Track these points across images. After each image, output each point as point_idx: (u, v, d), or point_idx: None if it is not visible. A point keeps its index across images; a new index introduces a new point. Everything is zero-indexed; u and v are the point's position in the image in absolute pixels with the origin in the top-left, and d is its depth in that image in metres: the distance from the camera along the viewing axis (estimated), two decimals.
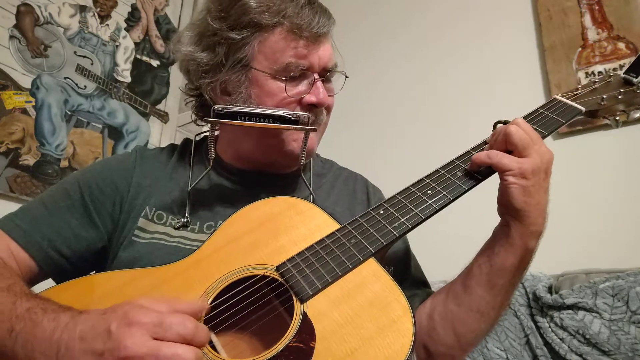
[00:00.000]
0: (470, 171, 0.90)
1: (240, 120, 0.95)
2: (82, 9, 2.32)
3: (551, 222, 1.68)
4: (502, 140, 0.87)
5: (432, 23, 2.36)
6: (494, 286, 0.88)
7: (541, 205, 0.86)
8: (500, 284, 0.89)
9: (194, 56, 1.04)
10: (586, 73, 1.81)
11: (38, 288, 0.86)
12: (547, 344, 1.40)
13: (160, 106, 2.61)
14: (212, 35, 1.03)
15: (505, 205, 0.86)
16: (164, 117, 2.62)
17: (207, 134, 1.04)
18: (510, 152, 0.86)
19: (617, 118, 1.04)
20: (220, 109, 0.95)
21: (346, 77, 1.11)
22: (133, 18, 2.55)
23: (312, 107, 1.02)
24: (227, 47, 1.01)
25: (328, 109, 1.09)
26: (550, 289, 1.48)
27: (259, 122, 0.95)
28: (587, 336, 1.31)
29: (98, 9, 2.39)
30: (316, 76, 1.03)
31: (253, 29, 1.00)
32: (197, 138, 1.19)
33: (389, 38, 2.49)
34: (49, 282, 0.94)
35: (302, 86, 1.02)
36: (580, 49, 1.86)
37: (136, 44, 2.55)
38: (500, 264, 0.87)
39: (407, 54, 2.39)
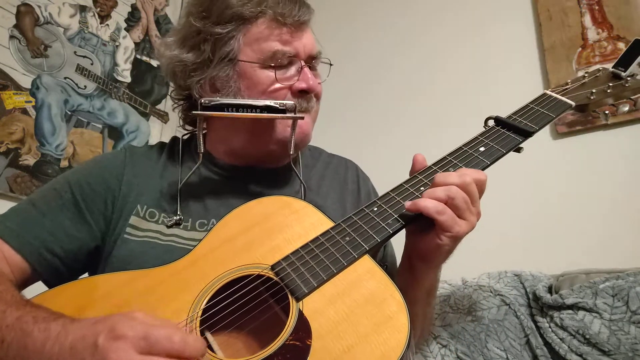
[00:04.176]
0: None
1: (228, 112, 0.96)
2: (82, 9, 2.32)
3: (551, 222, 1.69)
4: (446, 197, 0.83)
5: (431, 21, 2.35)
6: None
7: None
8: (413, 312, 0.90)
9: (180, 57, 1.06)
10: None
11: (34, 291, 0.86)
12: (547, 344, 1.39)
13: (160, 106, 2.61)
14: (196, 35, 1.04)
15: (424, 257, 0.89)
16: (164, 117, 2.62)
17: (195, 132, 1.05)
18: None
19: (607, 112, 1.04)
20: (207, 101, 0.96)
21: (330, 65, 1.13)
22: (133, 18, 2.55)
23: (303, 94, 1.04)
24: (212, 43, 1.03)
25: (317, 97, 1.11)
26: (550, 289, 1.48)
27: (247, 112, 0.96)
28: (587, 336, 1.30)
29: (98, 9, 2.39)
30: (303, 63, 1.04)
31: (237, 22, 1.01)
32: (185, 137, 1.19)
33: (389, 41, 2.49)
34: (42, 286, 0.94)
35: (291, 73, 1.04)
36: (580, 49, 1.85)
37: (136, 44, 2.55)
38: (410, 297, 0.88)
39: (406, 52, 2.39)
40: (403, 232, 0.89)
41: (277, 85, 1.02)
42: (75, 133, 2.20)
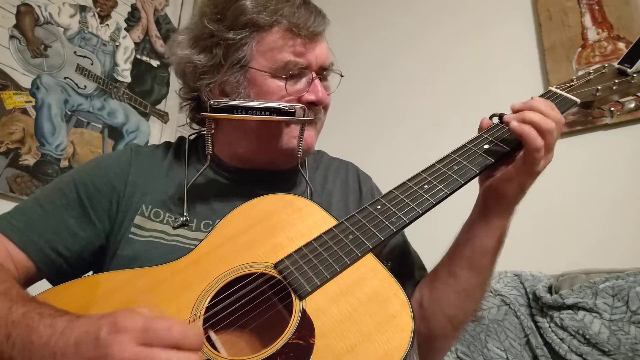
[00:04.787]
0: (468, 165, 0.91)
1: (237, 114, 0.95)
2: (82, 9, 2.33)
3: (551, 222, 1.69)
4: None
5: (431, 21, 2.36)
6: (476, 267, 0.93)
7: (521, 198, 0.92)
8: (483, 264, 0.93)
9: (191, 59, 1.05)
10: None
11: (36, 289, 0.86)
12: (547, 344, 1.39)
13: (160, 106, 2.62)
14: (209, 37, 1.03)
15: (500, 190, 0.90)
16: (164, 117, 2.62)
17: (203, 132, 1.04)
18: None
19: (612, 109, 1.04)
20: (216, 103, 0.95)
21: (341, 76, 1.13)
22: (133, 18, 2.56)
23: (311, 106, 1.04)
24: (225, 48, 1.02)
25: (325, 108, 1.10)
26: (550, 289, 1.48)
27: (256, 115, 0.96)
28: (587, 336, 1.31)
29: (98, 9, 2.40)
30: (314, 74, 1.04)
31: (251, 29, 1.01)
32: (191, 137, 1.19)
33: (389, 41, 2.49)
34: (46, 284, 0.93)
35: (301, 84, 1.04)
36: (580, 49, 1.86)
37: (136, 44, 2.56)
38: (482, 246, 0.92)
39: (407, 52, 2.39)
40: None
41: (287, 96, 1.02)
42: (75, 133, 2.20)
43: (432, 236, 1.01)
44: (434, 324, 0.94)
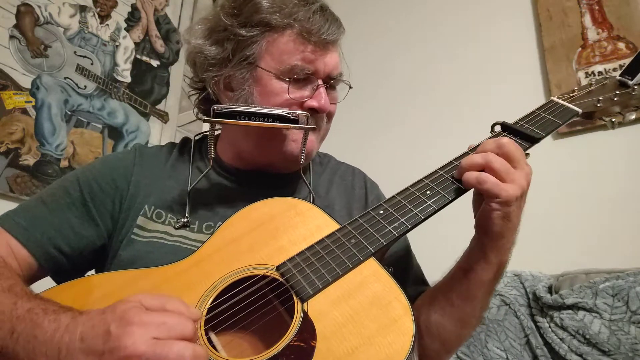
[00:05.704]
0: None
1: (240, 120, 0.95)
2: (82, 9, 2.32)
3: (551, 222, 1.70)
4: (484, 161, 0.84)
5: (431, 22, 2.36)
6: (473, 298, 0.92)
7: (516, 226, 0.88)
8: (480, 296, 0.92)
9: (202, 49, 1.06)
10: (586, 73, 1.81)
11: (38, 287, 0.86)
12: (547, 344, 1.40)
13: (160, 106, 2.61)
14: (222, 31, 1.04)
15: (484, 227, 0.87)
16: (164, 117, 2.62)
17: (207, 133, 1.05)
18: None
19: (613, 120, 1.04)
20: (219, 108, 0.95)
21: (350, 87, 1.13)
22: (133, 18, 2.55)
23: (313, 112, 1.03)
24: (235, 44, 1.03)
25: (329, 116, 1.11)
26: (550, 289, 1.48)
27: (259, 121, 0.95)
28: (587, 336, 1.31)
29: (98, 9, 2.39)
30: (320, 82, 1.04)
31: (263, 29, 1.01)
32: (197, 137, 1.19)
33: (389, 41, 2.49)
34: (48, 283, 0.94)
35: (306, 90, 1.03)
36: (580, 49, 1.86)
37: (136, 44, 2.55)
38: (478, 279, 0.90)
39: (406, 53, 2.39)
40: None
41: (289, 98, 1.01)
42: (75, 133, 2.20)
43: (433, 240, 1.01)
44: (427, 345, 0.93)
